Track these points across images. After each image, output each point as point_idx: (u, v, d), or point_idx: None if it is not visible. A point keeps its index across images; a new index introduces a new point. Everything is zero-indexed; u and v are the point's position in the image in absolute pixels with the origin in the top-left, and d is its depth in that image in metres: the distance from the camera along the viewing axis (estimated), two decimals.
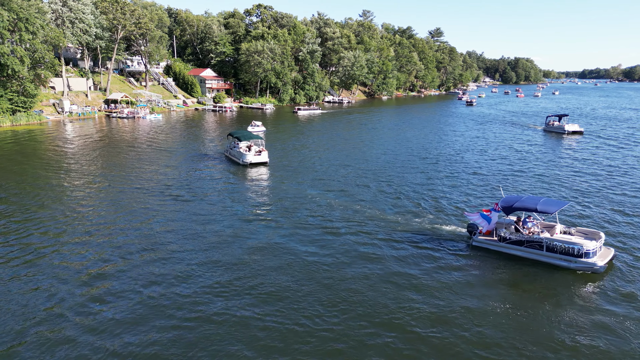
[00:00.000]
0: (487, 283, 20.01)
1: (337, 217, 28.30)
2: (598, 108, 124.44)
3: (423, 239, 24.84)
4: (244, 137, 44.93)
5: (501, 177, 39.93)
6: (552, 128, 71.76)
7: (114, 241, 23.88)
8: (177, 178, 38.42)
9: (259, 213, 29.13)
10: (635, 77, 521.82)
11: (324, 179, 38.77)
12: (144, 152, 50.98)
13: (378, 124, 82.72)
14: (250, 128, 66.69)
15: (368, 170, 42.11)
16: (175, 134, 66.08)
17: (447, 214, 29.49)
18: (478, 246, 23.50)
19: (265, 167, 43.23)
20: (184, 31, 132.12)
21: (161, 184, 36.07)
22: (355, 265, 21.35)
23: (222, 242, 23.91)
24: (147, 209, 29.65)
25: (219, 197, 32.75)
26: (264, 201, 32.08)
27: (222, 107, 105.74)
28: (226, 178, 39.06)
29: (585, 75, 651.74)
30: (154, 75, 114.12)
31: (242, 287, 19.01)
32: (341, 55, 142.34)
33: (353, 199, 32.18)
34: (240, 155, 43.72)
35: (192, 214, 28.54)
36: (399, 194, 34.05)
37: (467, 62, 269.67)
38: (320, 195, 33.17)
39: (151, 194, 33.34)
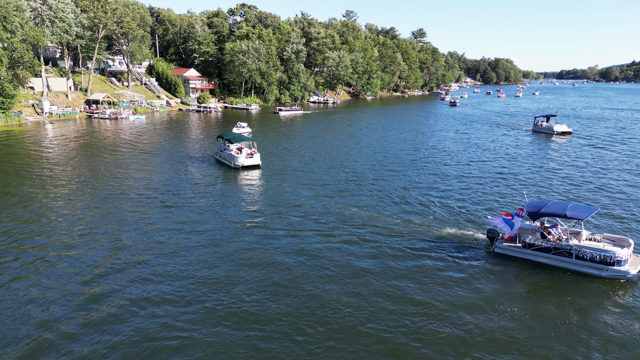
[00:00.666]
0: (514, 294, 19.02)
1: (341, 224, 27.04)
2: (579, 108, 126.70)
3: (436, 246, 23.76)
4: (234, 139, 43.61)
5: (500, 179, 39.15)
6: (540, 129, 71.45)
7: (93, 256, 21.82)
8: (164, 182, 36.92)
9: (254, 221, 27.56)
10: (611, 78, 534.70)
11: (321, 181, 37.84)
12: (128, 154, 49.62)
13: (366, 125, 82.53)
14: (235, 129, 65.14)
15: (363, 172, 41.41)
16: (159, 136, 64.84)
17: (456, 218, 28.32)
18: (500, 253, 22.43)
19: (257, 170, 41.98)
20: (167, 30, 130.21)
21: (147, 189, 34.48)
22: (364, 278, 20.11)
23: (215, 253, 22.62)
24: (132, 217, 27.99)
25: (209, 202, 31.40)
26: (259, 207, 30.52)
27: (207, 108, 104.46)
28: (217, 182, 37.69)
29: (563, 75, 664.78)
30: (137, 75, 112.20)
31: (236, 309, 17.41)
32: (326, 56, 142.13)
33: (355, 204, 31.18)
34: (232, 158, 42.40)
35: (181, 222, 26.94)
36: (403, 198, 33.14)
37: (449, 63, 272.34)
38: (319, 200, 32.02)
39: (136, 200, 31.65)
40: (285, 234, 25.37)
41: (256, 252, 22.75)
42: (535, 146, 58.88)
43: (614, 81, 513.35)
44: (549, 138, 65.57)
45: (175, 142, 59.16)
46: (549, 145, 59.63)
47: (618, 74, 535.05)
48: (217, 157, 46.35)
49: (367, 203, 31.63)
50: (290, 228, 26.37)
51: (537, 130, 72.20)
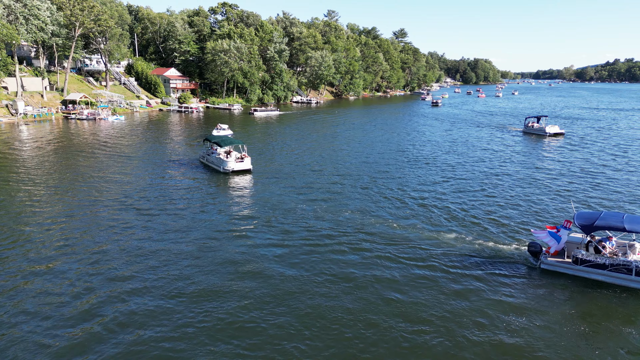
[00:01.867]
0: (569, 315, 17.25)
1: (352, 235, 25.22)
2: (558, 108, 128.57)
3: (467, 260, 21.83)
4: (223, 142, 41.52)
5: (513, 185, 37.17)
6: (532, 130, 69.93)
7: (69, 272, 20.17)
8: (146, 189, 34.77)
9: (246, 230, 25.87)
10: (586, 78, 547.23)
11: (318, 186, 36.13)
12: (106, 157, 47.67)
13: (352, 125, 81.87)
14: (215, 132, 62.72)
15: (359, 175, 39.89)
16: (140, 137, 63.01)
17: (483, 229, 26.50)
18: (547, 269, 20.64)
19: (248, 174, 39.88)
20: (146, 29, 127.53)
21: (127, 196, 32.35)
22: (384, 299, 18.25)
23: (204, 264, 21.47)
24: (112, 227, 26.31)
25: (197, 210, 29.52)
26: (252, 214, 28.63)
27: (188, 108, 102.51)
28: (204, 188, 35.53)
29: (539, 75, 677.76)
30: (115, 75, 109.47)
31: (226, 325, 16.49)
32: (308, 55, 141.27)
33: (360, 212, 29.50)
34: (221, 162, 40.19)
35: (166, 232, 25.30)
36: (412, 202, 31.85)
37: (430, 63, 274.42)
38: (321, 207, 30.22)
39: (115, 208, 29.84)
40: (285, 244, 24.21)
41: (250, 264, 21.69)
42: (529, 148, 57.26)
43: (589, 81, 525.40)
44: (541, 139, 64.12)
45: (157, 144, 57.48)
46: (543, 147, 58.05)
47: (593, 74, 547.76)
48: (204, 161, 44.09)
49: (377, 212, 29.63)
50: (290, 237, 25.00)
51: (528, 131, 70.74)
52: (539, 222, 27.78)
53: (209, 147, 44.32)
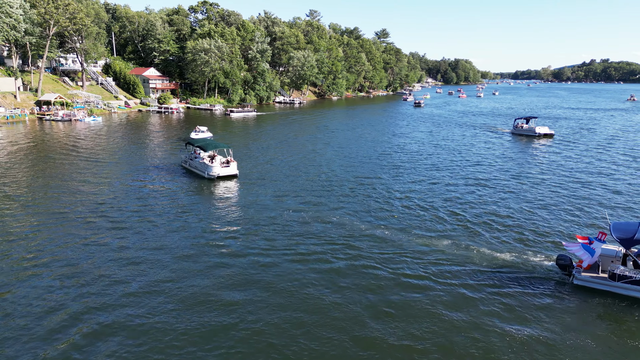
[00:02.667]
0: (607, 338, 15.91)
1: (351, 243, 23.92)
2: (539, 108, 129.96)
3: (486, 273, 20.32)
4: (207, 145, 39.40)
5: (505, 190, 35.76)
6: (521, 131, 69.02)
7: (39, 289, 18.80)
8: (125, 196, 32.71)
9: (233, 241, 24.25)
10: (563, 78, 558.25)
11: (306, 191, 34.68)
12: (82, 161, 45.63)
13: (338, 126, 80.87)
14: (194, 134, 60.27)
15: (349, 179, 38.43)
16: (118, 139, 60.89)
17: (498, 238, 24.89)
18: (580, 285, 19.17)
19: (234, 180, 37.82)
20: (124, 28, 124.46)
21: (103, 204, 30.43)
22: (394, 316, 16.86)
23: (182, 279, 20.34)
24: (87, 237, 24.80)
25: (177, 220, 27.54)
26: (239, 224, 26.88)
27: (168, 109, 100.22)
28: (187, 196, 33.32)
29: (518, 76, 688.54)
30: (92, 75, 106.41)
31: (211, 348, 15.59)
32: (291, 55, 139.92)
33: (353, 219, 28.03)
34: (205, 168, 37.99)
35: (143, 245, 23.66)
36: (414, 207, 30.62)
37: (411, 63, 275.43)
38: (314, 215, 28.72)
39: (90, 217, 28.14)
40: (271, 254, 23.07)
41: (234, 278, 20.48)
42: (523, 150, 56.06)
43: (566, 81, 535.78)
44: (531, 140, 63.37)
45: (135, 146, 55.51)
46: (537, 148, 57.01)
47: (570, 75, 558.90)
48: (187, 166, 41.69)
49: (378, 221, 28.44)
50: (276, 248, 23.84)
51: (517, 132, 69.83)
52: (561, 231, 26.27)
53: (192, 151, 42.14)
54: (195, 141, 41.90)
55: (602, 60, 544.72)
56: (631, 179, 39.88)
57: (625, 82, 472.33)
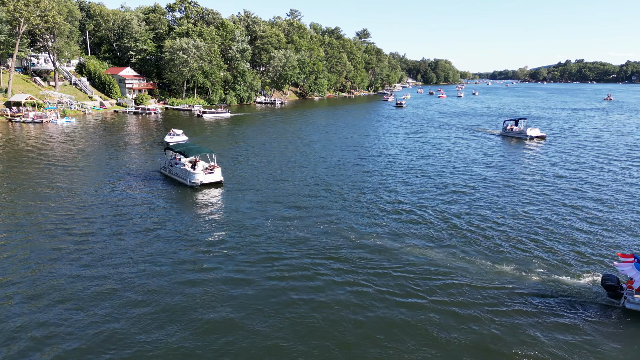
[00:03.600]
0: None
1: (342, 256, 22.12)
2: (520, 108, 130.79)
3: (520, 299, 17.97)
4: (189, 151, 36.75)
5: (513, 199, 33.19)
6: (511, 133, 67.23)
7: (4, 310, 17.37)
8: (98, 205, 30.37)
9: (214, 260, 21.87)
10: (540, 78, 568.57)
11: (296, 197, 32.70)
12: (53, 166, 43.06)
13: (323, 128, 79.35)
14: (168, 138, 56.51)
15: (340, 185, 36.66)
16: (92, 142, 58.24)
17: (524, 255, 22.47)
18: (633, 310, 17.20)
19: (218, 187, 35.27)
20: (99, 26, 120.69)
21: (75, 215, 28.37)
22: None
23: (166, 305, 18.64)
24: (57, 249, 22.84)
25: (156, 233, 25.28)
26: (223, 239, 24.51)
27: (146, 109, 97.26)
28: (167, 206, 30.90)
29: (495, 76, 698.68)
30: (65, 74, 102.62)
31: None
32: (272, 55, 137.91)
33: (350, 229, 26.13)
34: (187, 175, 35.38)
35: (116, 261, 21.88)
36: (415, 216, 28.69)
37: (392, 64, 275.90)
38: (301, 224, 26.96)
39: (58, 229, 25.98)
40: (255, 271, 21.42)
41: (218, 295, 18.80)
42: (517, 153, 54.21)
43: (542, 81, 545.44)
44: (522, 143, 61.54)
45: (111, 149, 53.03)
46: (533, 152, 54.82)
47: (546, 75, 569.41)
48: (166, 172, 39.04)
49: (385, 230, 26.63)
50: (265, 265, 22.17)
51: (506, 134, 68.04)
52: (596, 245, 24.12)
53: (172, 157, 39.38)
54: (174, 146, 39.18)
55: (577, 61, 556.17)
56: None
57: (598, 82, 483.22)
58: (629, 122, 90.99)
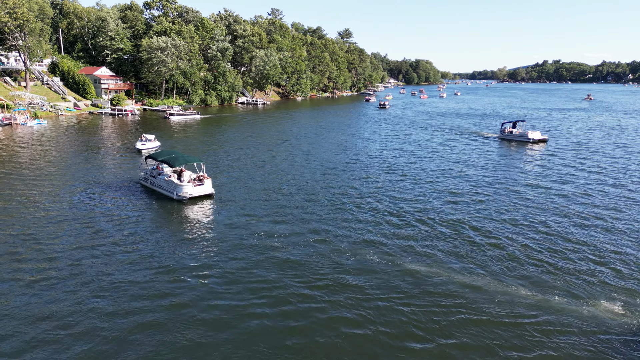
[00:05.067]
0: None
1: (357, 287, 19.33)
2: (504, 108, 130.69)
3: (561, 336, 15.94)
4: (175, 160, 32.80)
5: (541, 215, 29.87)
6: (510, 136, 63.64)
7: None
8: (67, 221, 27.08)
9: (206, 289, 19.11)
10: (518, 78, 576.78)
11: (291, 209, 29.78)
12: (19, 175, 39.75)
13: (310, 130, 77.09)
14: (140, 144, 51.64)
15: (333, 193, 34.26)
16: (66, 147, 54.88)
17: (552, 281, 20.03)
18: None
19: (209, 200, 31.58)
20: (72, 24, 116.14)
21: (42, 231, 25.49)
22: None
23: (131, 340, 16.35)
24: (11, 275, 20.31)
25: (135, 257, 22.04)
26: (216, 264, 21.44)
27: (122, 111, 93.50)
28: (149, 224, 27.08)
29: (475, 76, 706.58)
30: (37, 74, 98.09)
31: None
32: (253, 54, 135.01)
33: (361, 249, 23.48)
34: (173, 187, 31.45)
35: (85, 288, 19.41)
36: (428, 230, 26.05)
37: (374, 64, 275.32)
38: (297, 240, 24.27)
39: (21, 245, 23.42)
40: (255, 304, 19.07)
41: None
42: (521, 159, 50.51)
43: (520, 81, 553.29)
44: (523, 147, 57.97)
45: (86, 155, 49.75)
46: (534, 156, 51.73)
47: (524, 75, 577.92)
48: (147, 184, 34.79)
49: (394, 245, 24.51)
50: (261, 289, 19.84)
51: (506, 137, 64.30)
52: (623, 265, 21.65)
53: (154, 167, 35.50)
54: (157, 154, 35.19)
55: (554, 61, 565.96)
56: None
57: (575, 82, 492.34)
58: (630, 122, 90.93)
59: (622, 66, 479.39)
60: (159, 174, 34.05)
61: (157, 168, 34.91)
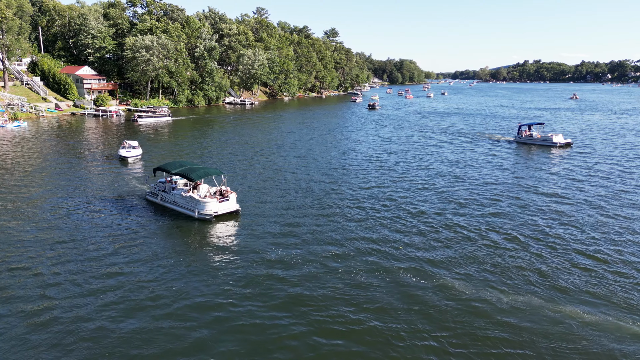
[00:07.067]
0: None
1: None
2: (495, 107, 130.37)
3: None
4: (192, 171, 28.54)
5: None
6: (530, 140, 59.42)
7: None
8: (63, 243, 23.41)
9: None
10: (500, 78, 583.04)
11: (339, 229, 26.00)
12: (2, 182, 37.20)
13: (302, 134, 74.63)
14: (124, 152, 46.99)
15: (356, 203, 31.70)
16: (48, 151, 51.88)
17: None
18: None
19: (235, 219, 27.55)
20: (53, 22, 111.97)
21: (24, 253, 22.63)
22: None
23: None
24: (10, 307, 17.83)
25: (152, 305, 17.75)
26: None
27: (107, 111, 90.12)
28: (164, 252, 22.58)
29: (457, 76, 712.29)
30: (16, 74, 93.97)
31: None
32: (240, 53, 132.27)
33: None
34: (194, 204, 27.48)
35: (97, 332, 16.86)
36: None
37: (359, 63, 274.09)
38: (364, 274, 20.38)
39: (15, 273, 20.94)
40: None
41: None
42: (551, 164, 46.46)
43: (502, 81, 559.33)
44: (546, 151, 53.57)
45: (72, 161, 46.75)
46: (562, 161, 47.84)
47: (506, 75, 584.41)
48: (158, 200, 30.38)
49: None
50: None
51: (524, 141, 59.96)
52: None
53: (162, 179, 31.78)
54: (169, 166, 30.57)
55: (534, 61, 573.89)
56: None
57: (554, 81, 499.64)
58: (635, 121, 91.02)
59: (600, 66, 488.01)
60: (173, 188, 30.07)
61: (167, 181, 31.14)
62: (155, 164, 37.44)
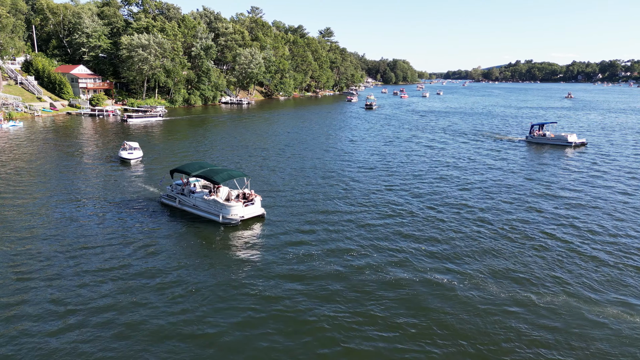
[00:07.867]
0: None
1: None
2: (491, 106, 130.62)
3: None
4: (215, 174, 27.17)
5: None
6: (543, 140, 58.11)
7: None
8: (84, 250, 22.24)
9: None
10: (492, 78, 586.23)
11: (373, 237, 24.58)
12: (7, 184, 36.27)
13: (302, 135, 73.89)
14: (126, 154, 45.33)
15: (376, 210, 29.71)
16: (49, 151, 50.89)
17: None
18: None
19: (260, 223, 26.41)
20: (47, 20, 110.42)
21: (30, 260, 21.75)
22: None
23: None
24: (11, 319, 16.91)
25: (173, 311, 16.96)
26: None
27: (103, 111, 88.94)
28: (185, 260, 21.30)
29: (450, 76, 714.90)
30: (10, 73, 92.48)
31: None
32: (237, 53, 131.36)
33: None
34: (218, 208, 26.13)
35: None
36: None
37: (354, 63, 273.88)
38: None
39: (23, 291, 19.88)
40: None
41: None
42: (569, 165, 44.80)
43: (494, 81, 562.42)
44: (562, 151, 51.81)
45: (74, 160, 45.97)
46: (580, 162, 45.90)
47: (498, 74, 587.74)
48: (176, 204, 28.94)
49: None
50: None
51: (536, 141, 58.60)
52: None
53: (179, 180, 30.51)
54: (188, 167, 29.13)
55: (526, 61, 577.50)
56: None
57: (546, 81, 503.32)
58: None
59: (591, 66, 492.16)
60: (192, 190, 28.47)
61: (187, 183, 29.58)
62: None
